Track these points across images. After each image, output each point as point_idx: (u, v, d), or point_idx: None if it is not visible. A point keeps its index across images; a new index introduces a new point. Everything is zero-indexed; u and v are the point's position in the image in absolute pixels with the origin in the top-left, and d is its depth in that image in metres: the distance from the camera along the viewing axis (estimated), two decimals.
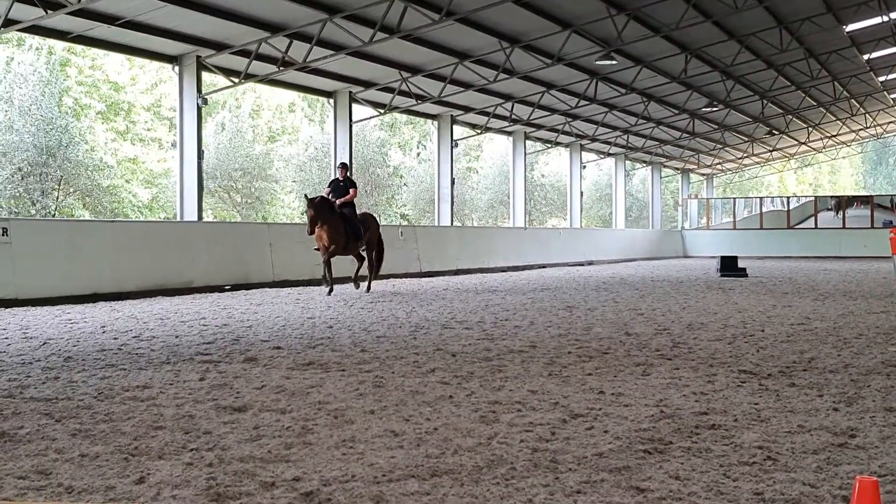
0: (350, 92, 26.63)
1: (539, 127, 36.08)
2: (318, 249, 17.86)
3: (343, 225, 17.75)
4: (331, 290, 17.64)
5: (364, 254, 18.98)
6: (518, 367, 8.11)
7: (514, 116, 32.97)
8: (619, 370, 8.00)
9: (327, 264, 17.63)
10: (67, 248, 16.43)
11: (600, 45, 25.23)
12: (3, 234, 15.29)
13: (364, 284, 19.17)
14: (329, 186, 18.69)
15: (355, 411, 6.13)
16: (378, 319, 12.77)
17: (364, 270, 19.21)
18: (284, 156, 40.99)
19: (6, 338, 10.54)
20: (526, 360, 8.56)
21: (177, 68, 21.88)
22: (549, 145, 40.70)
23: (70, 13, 17.32)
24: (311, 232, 17.21)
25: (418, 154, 48.84)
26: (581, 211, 42.18)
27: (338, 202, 18.00)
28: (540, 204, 49.18)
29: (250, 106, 40.29)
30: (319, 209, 17.10)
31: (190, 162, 21.68)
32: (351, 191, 18.35)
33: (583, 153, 41.99)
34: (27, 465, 4.76)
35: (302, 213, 17.04)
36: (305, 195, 18.29)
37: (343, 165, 18.97)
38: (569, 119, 35.51)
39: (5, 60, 28.87)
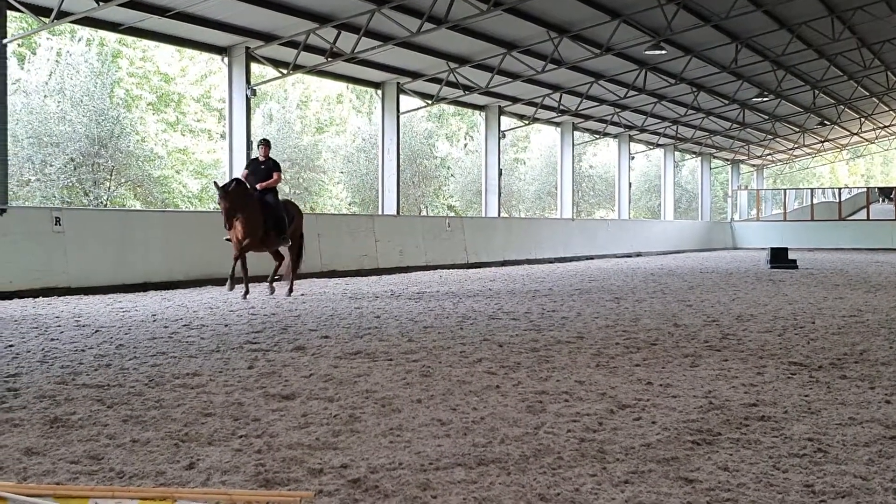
0: (398, 83, 26.65)
1: (587, 117, 35.88)
2: (229, 240, 14.93)
3: (263, 215, 14.91)
4: (246, 293, 14.87)
5: (284, 251, 16.15)
6: (565, 358, 8.08)
7: (562, 107, 32.80)
8: (667, 361, 7.95)
9: (239, 260, 14.72)
10: (119, 237, 16.64)
11: (650, 34, 25.00)
12: (56, 224, 15.52)
13: (281, 286, 16.39)
14: (247, 168, 15.81)
15: (402, 400, 6.14)
16: (425, 310, 12.79)
17: (283, 269, 16.40)
18: (332, 147, 41.14)
19: (59, 326, 10.70)
20: (573, 351, 8.52)
21: (226, 59, 22.04)
22: (598, 136, 40.47)
23: (121, 5, 17.48)
24: (229, 227, 14.41)
25: (465, 145, 48.78)
26: (629, 202, 41.91)
27: (258, 187, 15.14)
28: (588, 195, 48.92)
29: (298, 97, 40.47)
30: (235, 199, 14.24)
31: (239, 152, 21.83)
32: (274, 174, 15.47)
33: (631, 144, 41.70)
34: (80, 450, 4.83)
35: (217, 204, 15.76)
36: (215, 182, 14.99)
37: (264, 142, 15.79)
38: (617, 109, 35.26)
39: (58, 52, 29.25)
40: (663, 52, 26.61)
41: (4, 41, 16.73)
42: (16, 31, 25.16)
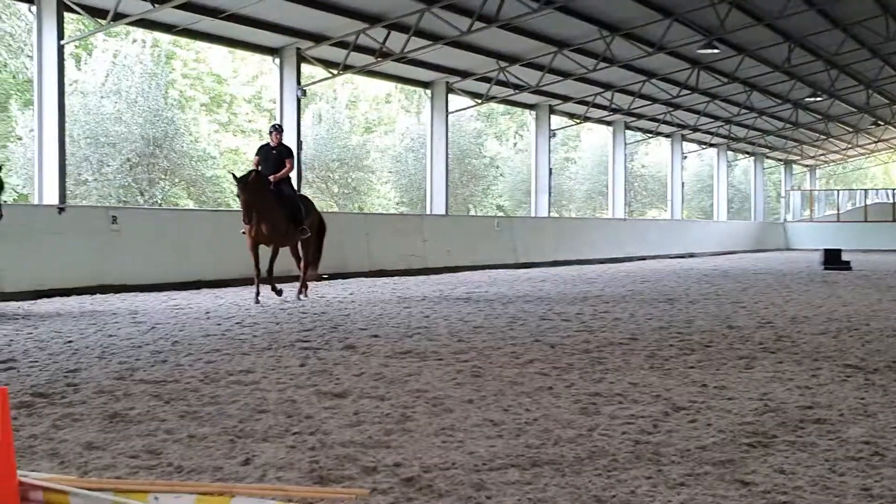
0: (447, 82, 26.68)
1: (639, 117, 35.65)
2: (244, 232, 13.91)
3: (281, 208, 13.90)
4: (259, 297, 13.65)
5: (301, 248, 14.97)
6: (619, 360, 8.04)
7: (613, 106, 32.61)
8: (721, 363, 7.88)
9: (259, 262, 13.77)
10: (173, 236, 16.86)
11: (702, 33, 24.78)
12: (113, 223, 15.76)
13: (305, 289, 14.97)
14: (258, 154, 14.51)
15: (454, 400, 6.15)
16: (475, 310, 12.80)
17: (306, 271, 15.04)
18: (381, 146, 41.29)
19: (116, 322, 10.87)
20: (626, 353, 8.47)
21: (277, 60, 22.23)
22: (650, 135, 40.19)
23: (176, 7, 17.70)
24: (249, 221, 13.46)
25: (515, 144, 48.67)
26: (682, 202, 41.59)
27: (271, 179, 13.98)
28: (640, 195, 48.59)
29: (347, 97, 40.67)
30: (254, 191, 13.33)
31: None
32: (287, 162, 14.30)
33: (684, 143, 41.37)
34: (138, 444, 4.90)
35: (236, 196, 14.84)
36: (233, 173, 13.99)
37: (276, 128, 14.78)
38: (670, 109, 35.00)
39: (113, 53, 29.65)
40: (716, 51, 26.38)
41: (62, 42, 17.01)
42: (73, 33, 25.56)
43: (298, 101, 22.05)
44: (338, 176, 36.47)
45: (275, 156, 14.26)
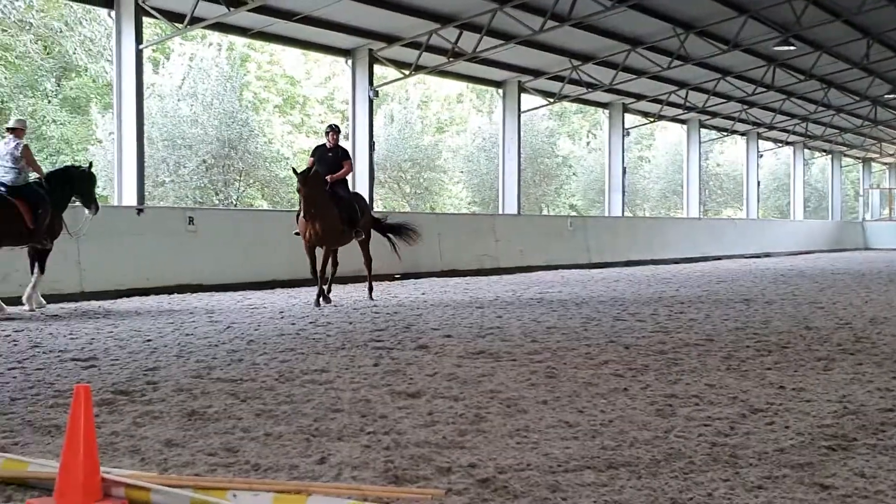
0: (519, 81, 26.62)
1: (714, 115, 35.18)
2: (298, 234, 13.74)
3: (338, 209, 13.59)
4: (320, 299, 13.48)
5: (361, 248, 14.79)
6: (694, 361, 7.94)
7: (688, 104, 32.24)
8: (799, 365, 7.73)
9: (316, 263, 13.60)
10: (248, 236, 17.07)
11: (778, 30, 24.34)
12: (189, 223, 16.02)
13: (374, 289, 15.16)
14: (313, 156, 14.02)
15: (528, 401, 6.12)
16: (548, 310, 12.74)
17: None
18: (452, 146, 41.33)
19: (193, 321, 11.05)
20: (702, 354, 8.36)
21: (349, 61, 22.39)
22: (725, 134, 39.63)
23: (250, 10, 17.93)
24: (308, 216, 13.02)
25: (588, 143, 48.36)
26: (758, 201, 40.93)
27: (328, 179, 13.64)
28: (715, 194, 47.94)
29: (419, 97, 40.78)
30: (314, 187, 13.01)
31: (361, 153, 22.14)
32: (344, 164, 14.04)
33: (760, 142, 40.72)
34: (216, 442, 4.97)
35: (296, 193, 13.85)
36: (293, 168, 13.66)
37: (333, 128, 14.21)
38: (745, 106, 34.48)
39: (190, 57, 30.14)
40: (792, 48, 25.89)
41: (140, 47, 17.35)
42: (150, 37, 26.04)
43: (371, 101, 22.18)
44: (410, 176, 36.60)
45: (331, 157, 13.85)
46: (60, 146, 32.72)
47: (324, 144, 14.12)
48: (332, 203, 13.39)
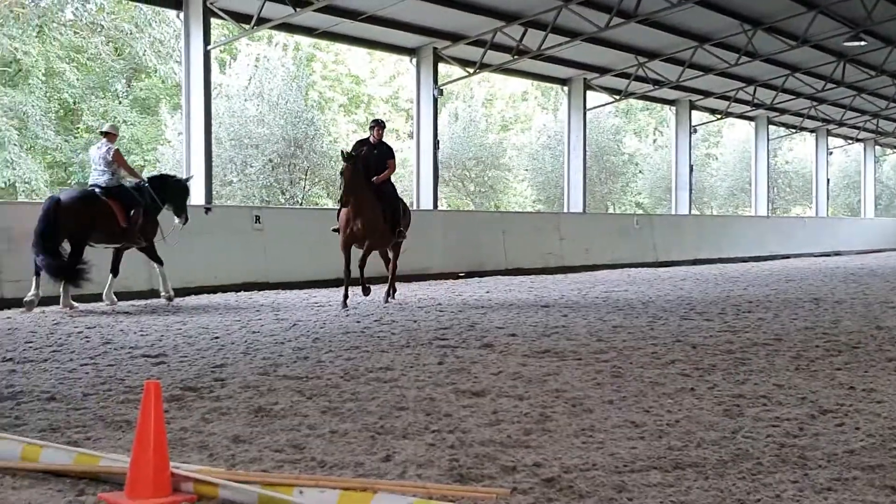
0: (584, 79, 26.47)
1: (782, 111, 34.63)
2: (337, 230, 13.07)
3: (381, 206, 12.79)
4: (346, 301, 12.79)
5: (390, 252, 14.04)
6: (763, 361, 7.82)
7: (756, 101, 31.77)
8: (870, 365, 7.58)
9: (350, 263, 12.82)
10: (313, 234, 17.17)
11: (848, 25, 23.87)
12: (256, 222, 16.20)
13: (393, 291, 14.26)
14: (355, 151, 12.75)
15: (593, 400, 6.08)
16: (614, 309, 12.64)
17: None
18: (517, 144, 41.25)
19: (260, 319, 11.17)
20: (771, 354, 8.23)
21: (414, 60, 22.46)
22: (794, 130, 38.99)
23: (316, 10, 18.08)
24: (346, 203, 12.24)
25: (654, 141, 47.95)
26: (827, 199, 40.20)
27: (374, 181, 12.90)
28: (783, 192, 47.19)
29: (483, 95, 40.77)
30: (356, 176, 12.21)
31: (426, 152, 22.20)
32: (389, 163, 13.13)
33: (829, 138, 39.97)
34: (283, 439, 5.01)
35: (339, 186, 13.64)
36: (342, 151, 12.74)
37: (378, 123, 13.36)
38: (814, 103, 33.86)
39: (256, 57, 30.48)
40: (863, 43, 25.37)
41: (208, 48, 17.58)
42: (218, 38, 26.38)
43: (435, 100, 22.23)
44: (474, 174, 36.61)
45: (375, 155, 12.81)
46: (131, 146, 33.31)
47: (367, 139, 13.20)
48: (376, 200, 12.62)
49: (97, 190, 12.70)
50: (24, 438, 4.71)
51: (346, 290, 12.73)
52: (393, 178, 13.76)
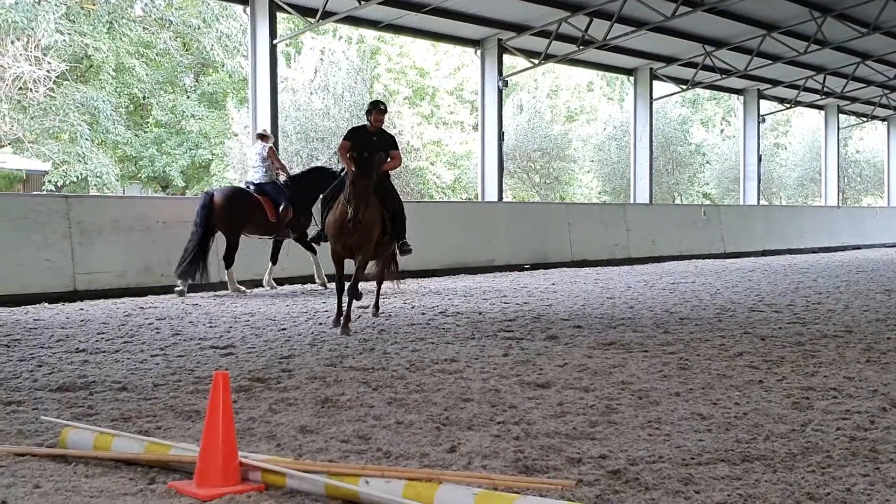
0: (651, 68, 26.20)
1: (853, 100, 33.91)
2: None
3: (382, 210, 10.01)
4: (342, 319, 9.51)
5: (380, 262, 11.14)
6: (833, 353, 7.69)
7: (825, 89, 31.17)
8: None
9: (343, 272, 9.95)
10: None
11: None
12: None
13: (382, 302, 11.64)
14: (349, 139, 10.17)
15: (660, 392, 6.04)
16: (680, 301, 12.52)
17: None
18: (582, 136, 40.99)
19: (326, 311, 11.24)
20: (841, 346, 8.10)
21: (479, 52, 22.42)
22: (865, 119, 38.19)
23: (381, 3, 18.14)
24: (359, 221, 9.32)
25: (722, 130, 47.29)
26: None
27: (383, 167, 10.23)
28: (854, 181, 46.25)
29: (548, 86, 40.55)
30: (369, 180, 9.51)
31: (491, 143, 22.16)
32: (393, 154, 10.31)
33: None
34: (349, 429, 5.06)
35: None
36: (353, 155, 10.01)
37: (378, 105, 10.29)
38: (886, 91, 33.11)
39: (321, 50, 30.67)
40: None
41: (274, 42, 17.75)
42: (284, 32, 26.63)
43: (500, 91, 22.17)
44: (539, 166, 36.45)
45: (374, 143, 10.14)
46: (199, 140, 33.81)
47: (363, 127, 10.37)
48: (377, 203, 9.81)
49: (251, 187, 14.06)
50: (96, 428, 4.82)
51: (341, 308, 9.65)
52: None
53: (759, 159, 30.99)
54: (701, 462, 4.40)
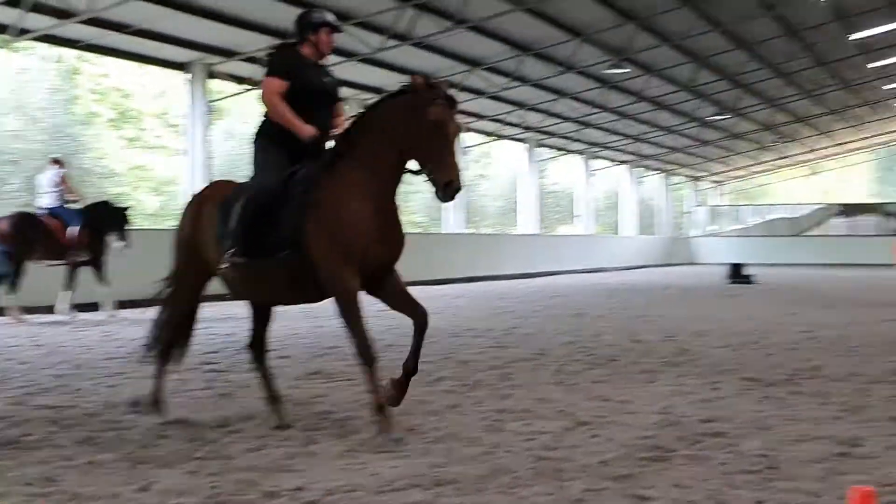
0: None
1: (551, 134, 35.93)
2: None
3: None
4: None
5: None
6: (527, 375, 8.10)
7: (525, 124, 32.86)
8: (626, 377, 8.00)
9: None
10: None
11: (610, 53, 25.20)
12: None
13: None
14: (278, 72, 6.19)
15: (359, 422, 6.09)
16: (386, 328, 12.66)
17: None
18: None
19: (17, 345, 10.55)
20: (534, 368, 8.55)
21: (186, 76, 21.92)
22: (561, 152, 40.61)
23: (81, 22, 17.36)
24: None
25: None
26: (592, 218, 42.09)
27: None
28: (551, 211, 49.02)
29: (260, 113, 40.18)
30: None
31: (198, 169, 21.69)
32: (339, 108, 6.73)
33: (594, 160, 41.88)
34: (34, 472, 4.76)
35: None
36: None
37: (328, 24, 6.40)
38: (580, 126, 35.37)
39: (15, 69, 28.93)
40: (626, 70, 26.82)
41: None
42: None
43: (208, 116, 21.77)
44: None
45: (328, 85, 6.52)
46: None
47: (297, 52, 6.37)
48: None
49: (41, 212, 14.25)
50: None
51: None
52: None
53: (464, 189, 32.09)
54: (395, 489, 4.49)
